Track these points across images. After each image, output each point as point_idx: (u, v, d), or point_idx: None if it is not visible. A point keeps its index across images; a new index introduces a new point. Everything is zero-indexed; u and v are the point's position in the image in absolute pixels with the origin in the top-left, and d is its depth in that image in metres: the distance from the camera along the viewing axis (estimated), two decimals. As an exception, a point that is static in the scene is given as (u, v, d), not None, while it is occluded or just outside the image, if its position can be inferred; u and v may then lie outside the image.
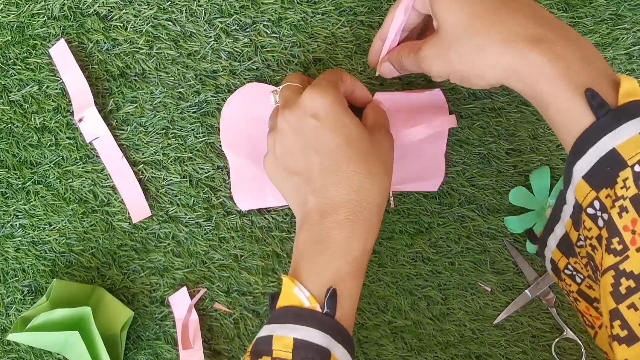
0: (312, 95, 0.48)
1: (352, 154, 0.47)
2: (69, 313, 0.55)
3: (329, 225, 0.46)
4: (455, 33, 0.45)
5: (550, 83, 0.42)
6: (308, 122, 0.48)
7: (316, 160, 0.47)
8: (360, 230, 0.47)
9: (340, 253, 0.46)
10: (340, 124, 0.47)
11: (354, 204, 0.46)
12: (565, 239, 0.46)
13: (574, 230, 0.44)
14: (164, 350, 0.61)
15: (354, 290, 0.46)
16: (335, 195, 0.47)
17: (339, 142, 0.47)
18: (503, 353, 0.60)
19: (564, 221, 0.46)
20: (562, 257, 0.47)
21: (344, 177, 0.47)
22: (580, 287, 0.47)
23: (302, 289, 0.45)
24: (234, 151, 0.59)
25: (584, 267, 0.45)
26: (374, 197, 0.47)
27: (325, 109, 0.47)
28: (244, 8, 0.59)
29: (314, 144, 0.47)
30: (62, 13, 0.60)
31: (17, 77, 0.61)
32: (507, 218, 0.59)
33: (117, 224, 0.61)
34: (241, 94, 0.59)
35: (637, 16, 0.58)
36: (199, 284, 0.61)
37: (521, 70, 0.42)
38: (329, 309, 0.44)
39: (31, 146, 0.61)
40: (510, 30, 0.43)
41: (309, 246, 0.47)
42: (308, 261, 0.46)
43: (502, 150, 0.59)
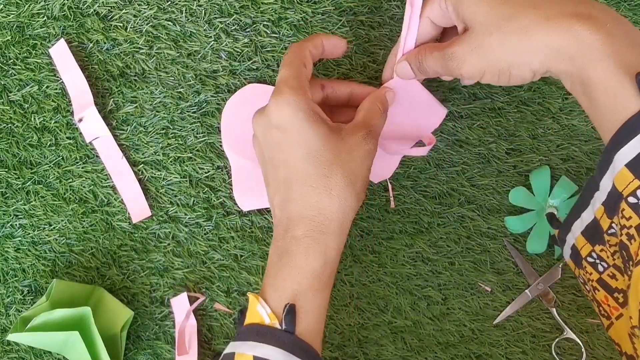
0: (275, 105, 0.47)
1: (310, 169, 0.46)
2: (68, 313, 0.55)
3: (289, 241, 0.46)
4: (490, 24, 0.43)
5: (600, 62, 0.39)
6: (273, 134, 0.47)
7: (281, 173, 0.47)
8: (318, 246, 0.46)
9: (299, 269, 0.46)
10: (303, 136, 0.46)
11: (311, 219, 0.46)
12: (593, 225, 0.45)
13: (607, 217, 0.42)
14: (164, 350, 0.61)
15: (316, 303, 0.46)
16: (293, 211, 0.46)
17: (300, 156, 0.46)
18: (503, 353, 0.60)
19: (594, 208, 0.44)
20: (587, 244, 0.46)
21: (302, 192, 0.46)
22: (601, 276, 0.45)
23: (265, 305, 0.45)
24: (234, 152, 0.59)
25: (611, 255, 0.44)
26: (333, 212, 0.46)
27: (288, 120, 0.46)
28: (244, 8, 0.59)
29: (279, 156, 0.47)
30: (62, 13, 0.60)
31: (17, 77, 0.61)
32: (507, 218, 0.59)
33: (117, 224, 0.61)
34: (242, 94, 0.59)
35: (637, 16, 0.58)
36: (199, 284, 0.61)
37: (569, 49, 0.40)
38: (287, 325, 0.44)
39: (31, 146, 0.61)
40: (553, 7, 0.41)
41: (273, 261, 0.47)
42: (271, 276, 0.47)
43: (502, 150, 0.59)
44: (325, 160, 0.46)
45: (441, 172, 0.60)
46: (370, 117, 0.50)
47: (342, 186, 0.46)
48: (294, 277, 0.46)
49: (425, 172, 0.60)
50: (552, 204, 0.58)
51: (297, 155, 0.46)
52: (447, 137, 0.59)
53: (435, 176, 0.60)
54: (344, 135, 0.47)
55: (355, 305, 0.60)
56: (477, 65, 0.44)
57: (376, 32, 0.59)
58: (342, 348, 0.60)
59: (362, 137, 0.48)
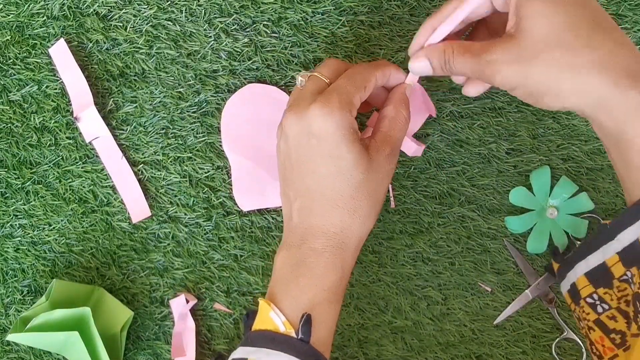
0: (319, 113, 0.45)
1: (338, 187, 0.46)
2: (68, 313, 0.55)
3: (307, 252, 0.46)
4: (543, 43, 0.41)
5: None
6: (308, 140, 0.46)
7: (307, 182, 0.47)
8: (337, 261, 0.46)
9: (316, 281, 0.46)
10: (337, 152, 0.46)
11: (332, 236, 0.46)
12: (601, 270, 0.45)
13: (622, 266, 0.43)
14: (163, 350, 0.61)
15: (330, 315, 0.46)
16: (315, 224, 0.46)
17: (331, 172, 0.46)
18: (503, 353, 0.60)
19: (605, 254, 0.44)
20: (589, 285, 0.46)
21: (326, 208, 0.46)
22: (599, 317, 0.46)
23: (279, 313, 0.45)
24: (235, 151, 0.59)
25: (617, 299, 0.45)
26: (353, 231, 0.47)
27: (326, 132, 0.45)
28: (244, 8, 0.59)
29: (308, 164, 0.47)
30: (61, 13, 0.60)
31: (16, 77, 0.61)
32: (508, 218, 0.59)
33: (116, 224, 0.61)
34: (241, 94, 0.59)
35: (637, 16, 0.58)
36: (198, 284, 0.61)
37: (612, 103, 0.40)
38: (303, 334, 0.44)
39: (31, 146, 0.61)
40: (608, 55, 0.40)
41: (287, 268, 0.47)
42: (285, 284, 0.46)
43: (503, 150, 0.59)
44: (354, 181, 0.46)
45: (441, 172, 0.60)
46: (394, 128, 0.49)
47: (365, 209, 0.47)
48: (311, 288, 0.46)
49: (426, 172, 0.60)
50: (552, 204, 0.58)
51: (329, 170, 0.46)
52: (447, 137, 0.59)
53: (435, 176, 0.60)
54: (371, 153, 0.47)
55: (355, 305, 0.60)
56: (512, 79, 0.42)
57: (376, 32, 0.59)
58: (342, 348, 0.60)
59: (387, 156, 0.48)
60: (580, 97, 0.41)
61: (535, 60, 0.41)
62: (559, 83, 0.41)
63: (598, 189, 0.59)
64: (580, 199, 0.58)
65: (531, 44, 0.41)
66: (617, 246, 0.43)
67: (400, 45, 0.59)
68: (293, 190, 0.48)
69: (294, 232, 0.47)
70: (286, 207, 0.49)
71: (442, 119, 0.59)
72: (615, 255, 0.43)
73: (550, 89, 0.41)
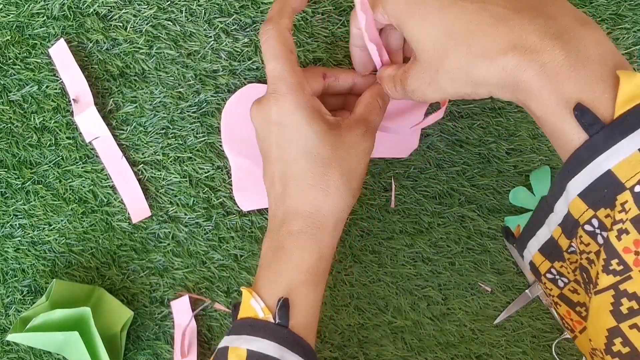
0: (275, 102, 0.47)
1: (307, 167, 0.46)
2: (68, 313, 0.55)
3: (284, 236, 0.47)
4: (435, 56, 0.42)
5: (538, 98, 0.39)
6: (271, 130, 0.47)
7: (277, 168, 0.47)
8: (313, 242, 0.46)
9: (293, 264, 0.46)
10: (299, 133, 0.46)
11: (307, 216, 0.46)
12: (550, 244, 0.44)
13: (565, 238, 0.43)
14: (163, 350, 0.61)
15: (310, 297, 0.46)
16: (290, 206, 0.47)
17: (297, 154, 0.46)
18: (503, 353, 0.60)
19: (550, 228, 0.44)
20: (545, 261, 0.46)
21: (298, 189, 0.46)
22: (562, 291, 0.46)
23: (258, 300, 0.46)
24: (234, 151, 0.59)
25: (572, 271, 0.44)
26: (329, 209, 0.47)
27: (285, 117, 0.46)
28: (244, 8, 0.59)
29: (276, 152, 0.47)
30: (61, 13, 0.60)
31: (16, 77, 0.61)
32: (508, 218, 0.59)
33: (116, 224, 0.61)
34: (241, 94, 0.59)
35: (637, 16, 0.58)
36: (198, 284, 0.61)
37: (509, 85, 0.39)
38: (280, 319, 0.45)
39: (31, 146, 0.61)
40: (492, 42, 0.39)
41: (268, 254, 0.47)
42: (265, 270, 0.47)
43: (502, 150, 0.59)
44: (322, 158, 0.46)
45: (441, 172, 0.60)
46: (370, 112, 0.50)
47: (338, 184, 0.47)
48: (288, 271, 0.46)
49: (426, 172, 0.60)
50: (552, 204, 0.58)
51: (294, 152, 0.46)
52: (447, 137, 0.59)
53: (435, 176, 0.60)
54: (342, 131, 0.47)
55: (355, 305, 0.60)
56: (438, 96, 0.44)
57: (376, 32, 0.59)
58: (342, 348, 0.60)
59: (361, 134, 0.48)
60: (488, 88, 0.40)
61: (437, 77, 0.42)
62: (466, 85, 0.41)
63: (598, 189, 0.59)
64: (580, 199, 0.58)
65: (427, 62, 0.42)
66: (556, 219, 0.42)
67: (400, 45, 0.59)
68: (268, 180, 0.49)
69: (274, 219, 0.48)
70: (269, 198, 0.50)
71: (442, 119, 0.59)
72: (558, 227, 0.43)
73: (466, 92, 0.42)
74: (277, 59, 0.47)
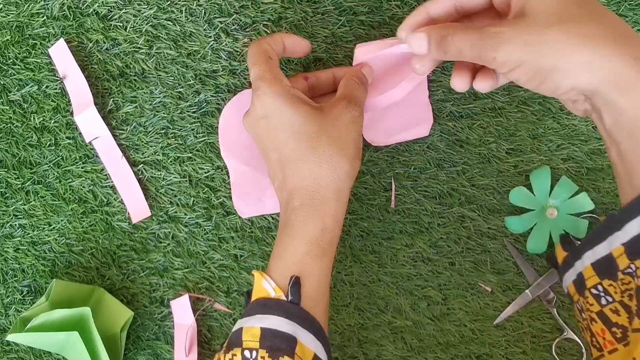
0: (257, 98, 0.49)
1: (297, 145, 0.48)
2: (68, 313, 0.55)
3: (289, 213, 0.48)
4: (554, 16, 0.39)
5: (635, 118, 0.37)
6: (260, 125, 0.50)
7: (273, 157, 0.49)
8: (315, 212, 0.48)
9: (298, 236, 0.47)
10: (283, 117, 0.48)
11: (306, 189, 0.48)
12: (606, 261, 0.44)
13: (627, 258, 0.42)
14: (163, 350, 0.61)
15: (315, 269, 0.47)
16: (291, 186, 0.49)
17: (285, 136, 0.48)
18: (503, 353, 0.60)
19: (611, 245, 0.44)
20: (595, 276, 0.46)
21: (294, 168, 0.48)
22: (602, 309, 0.45)
23: (269, 280, 0.47)
24: (233, 158, 0.59)
25: (620, 292, 0.44)
26: (326, 179, 0.48)
27: (269, 109, 0.49)
28: (244, 8, 0.59)
29: (269, 143, 0.49)
30: (61, 13, 0.60)
31: (16, 77, 0.61)
32: (508, 218, 0.59)
33: (116, 224, 0.61)
34: (238, 100, 0.59)
35: (637, 16, 0.58)
36: (198, 284, 0.61)
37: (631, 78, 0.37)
38: (292, 296, 0.46)
39: (31, 146, 0.61)
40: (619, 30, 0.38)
41: (278, 235, 0.49)
42: (275, 250, 0.49)
43: (503, 150, 0.59)
44: (309, 134, 0.48)
45: (441, 172, 0.60)
46: (349, 89, 0.51)
47: (330, 154, 0.48)
48: (293, 246, 0.47)
49: (426, 172, 0.60)
50: (552, 204, 0.58)
51: (283, 137, 0.48)
52: (447, 137, 0.59)
53: (435, 176, 0.60)
54: (326, 109, 0.50)
55: (355, 305, 0.60)
56: (517, 53, 0.40)
57: (376, 32, 0.59)
58: (342, 348, 0.60)
59: (344, 106, 0.50)
60: (595, 72, 0.38)
61: (546, 32, 0.38)
62: (572, 56, 0.38)
63: (598, 189, 0.59)
64: (580, 199, 0.58)
65: (541, 17, 0.39)
66: (623, 237, 0.42)
67: (400, 45, 0.59)
68: (271, 173, 0.51)
69: (281, 205, 0.50)
70: (275, 189, 0.51)
71: (442, 119, 0.59)
72: (621, 246, 0.42)
73: (560, 64, 0.39)
74: (256, 64, 0.50)
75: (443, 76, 0.59)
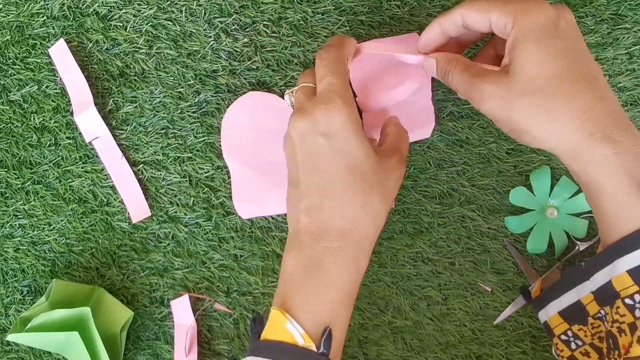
0: (328, 112, 0.46)
1: (351, 181, 0.45)
2: (68, 313, 0.55)
3: (322, 252, 0.45)
4: (529, 85, 0.43)
5: (611, 174, 0.42)
6: (316, 139, 0.46)
7: (315, 179, 0.46)
8: (352, 261, 0.45)
9: (333, 283, 0.44)
10: (347, 147, 0.46)
11: (347, 232, 0.45)
12: (575, 308, 0.48)
13: (597, 304, 0.46)
14: (163, 350, 0.61)
15: (343, 318, 0.45)
16: (328, 221, 0.45)
17: (342, 167, 0.45)
18: (503, 353, 0.60)
19: (579, 293, 0.48)
20: (563, 323, 0.50)
21: (338, 203, 0.45)
22: (573, 353, 0.50)
23: (295, 325, 0.43)
24: (235, 159, 0.59)
25: (591, 335, 0.48)
26: (367, 226, 0.46)
27: (336, 129, 0.45)
28: (244, 8, 0.59)
29: (317, 163, 0.46)
30: (61, 13, 0.60)
31: (16, 77, 0.61)
32: (508, 218, 0.59)
33: (116, 224, 0.61)
34: (242, 102, 0.59)
35: (637, 16, 0.58)
36: (198, 284, 0.61)
37: (584, 153, 0.42)
38: (325, 348, 0.43)
39: (31, 146, 0.61)
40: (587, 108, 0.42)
41: (299, 270, 0.45)
42: (299, 288, 0.44)
43: (503, 150, 0.59)
44: (366, 175, 0.46)
45: (441, 172, 0.60)
46: (400, 142, 0.51)
47: (377, 205, 0.46)
48: (328, 293, 0.44)
49: (426, 172, 0.60)
50: (552, 204, 0.58)
51: (340, 164, 0.45)
52: (447, 137, 0.59)
53: (435, 176, 0.60)
54: (381, 157, 0.48)
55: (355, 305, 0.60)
56: (495, 112, 0.45)
57: (376, 32, 0.59)
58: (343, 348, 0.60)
59: (397, 161, 0.49)
60: (556, 142, 0.43)
61: (519, 101, 0.43)
62: (537, 126, 0.43)
63: (598, 189, 0.59)
64: (580, 199, 0.58)
65: (518, 84, 0.43)
66: (591, 286, 0.46)
67: (400, 45, 0.59)
68: (301, 191, 0.46)
69: (304, 233, 0.46)
70: (292, 209, 0.48)
71: (442, 119, 0.59)
72: (590, 294, 0.46)
73: (529, 130, 0.44)
74: (335, 74, 0.47)
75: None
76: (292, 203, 0.48)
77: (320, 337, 0.43)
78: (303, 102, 0.48)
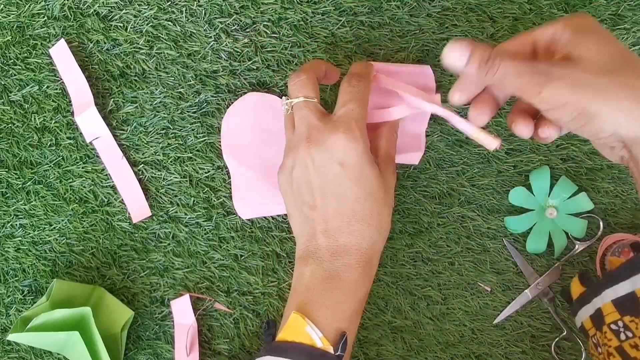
0: (346, 142, 0.47)
1: (369, 208, 0.48)
2: (69, 313, 0.55)
3: (341, 267, 0.48)
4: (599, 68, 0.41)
5: None
6: (333, 168, 0.48)
7: (333, 204, 0.48)
8: (367, 275, 0.49)
9: (350, 294, 0.48)
10: (363, 176, 0.48)
11: (364, 252, 0.48)
12: (629, 298, 0.48)
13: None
14: (164, 350, 0.61)
15: (356, 325, 0.49)
16: (348, 242, 0.48)
17: (359, 195, 0.48)
18: (503, 353, 0.60)
19: (634, 285, 0.48)
20: (615, 312, 0.49)
21: (358, 228, 0.48)
22: (621, 344, 0.49)
23: (315, 328, 0.46)
24: (235, 160, 0.59)
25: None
26: (380, 245, 0.50)
27: (353, 159, 0.48)
28: (244, 8, 0.59)
29: (335, 189, 0.48)
30: (62, 13, 0.60)
31: (17, 77, 0.61)
32: (507, 218, 0.59)
33: (117, 224, 0.61)
34: (241, 103, 0.59)
35: (637, 16, 0.58)
36: (199, 284, 0.61)
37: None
38: (341, 351, 0.46)
39: (31, 146, 0.61)
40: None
41: (318, 281, 0.48)
42: (318, 296, 0.47)
43: (502, 150, 0.59)
44: (379, 199, 0.49)
45: (441, 172, 0.60)
46: (390, 146, 0.53)
47: (387, 221, 0.50)
48: (348, 303, 0.48)
49: (425, 172, 0.60)
50: (551, 204, 0.58)
51: (358, 193, 0.48)
52: (447, 137, 0.59)
53: (435, 176, 0.60)
54: (382, 171, 0.50)
55: (355, 305, 0.60)
56: (564, 92, 0.41)
57: (376, 32, 0.59)
58: (342, 348, 0.60)
59: (391, 172, 0.52)
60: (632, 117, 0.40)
61: (596, 78, 0.40)
62: (616, 103, 0.40)
63: (597, 189, 0.59)
64: (580, 199, 0.58)
65: (591, 66, 0.41)
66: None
67: (400, 45, 0.59)
68: (317, 215, 0.49)
69: (323, 251, 0.48)
70: (305, 227, 0.50)
71: (442, 119, 0.59)
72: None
73: (604, 110, 0.40)
74: (361, 104, 0.49)
75: (443, 77, 0.59)
76: (307, 223, 0.50)
77: (338, 341, 0.46)
78: (315, 122, 0.49)
